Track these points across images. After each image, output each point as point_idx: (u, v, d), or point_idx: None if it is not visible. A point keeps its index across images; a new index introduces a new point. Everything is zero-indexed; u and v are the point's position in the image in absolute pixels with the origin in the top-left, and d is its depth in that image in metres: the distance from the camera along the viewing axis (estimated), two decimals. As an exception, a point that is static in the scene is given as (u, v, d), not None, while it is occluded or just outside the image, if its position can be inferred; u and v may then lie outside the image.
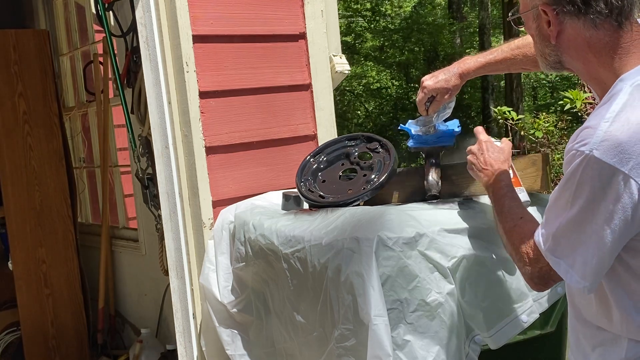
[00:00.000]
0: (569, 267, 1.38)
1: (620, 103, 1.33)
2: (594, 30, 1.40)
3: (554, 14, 1.43)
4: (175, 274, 2.68)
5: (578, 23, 1.41)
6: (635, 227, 1.33)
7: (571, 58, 1.47)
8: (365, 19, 18.49)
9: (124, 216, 4.28)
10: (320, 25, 2.89)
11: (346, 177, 2.35)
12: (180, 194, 2.64)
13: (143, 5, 2.62)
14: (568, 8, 1.41)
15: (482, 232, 1.90)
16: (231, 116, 2.69)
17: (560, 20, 1.43)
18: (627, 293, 1.39)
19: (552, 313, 1.99)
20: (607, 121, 1.31)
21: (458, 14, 17.68)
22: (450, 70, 2.07)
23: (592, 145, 1.31)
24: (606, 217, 1.32)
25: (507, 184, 1.71)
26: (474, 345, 1.87)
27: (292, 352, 2.21)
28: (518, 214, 1.59)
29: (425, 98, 2.08)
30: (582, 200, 1.34)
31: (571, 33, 1.43)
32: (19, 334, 3.98)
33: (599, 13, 1.39)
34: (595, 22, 1.40)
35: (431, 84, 2.06)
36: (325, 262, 1.97)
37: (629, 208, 1.30)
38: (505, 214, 1.61)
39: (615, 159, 1.29)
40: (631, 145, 1.28)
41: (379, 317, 1.79)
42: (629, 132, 1.29)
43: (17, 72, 3.91)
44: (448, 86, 2.05)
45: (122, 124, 3.87)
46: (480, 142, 1.86)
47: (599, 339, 1.46)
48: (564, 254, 1.39)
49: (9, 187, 3.89)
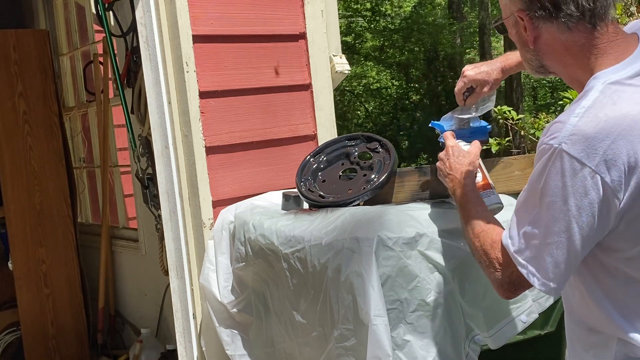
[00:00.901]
0: (536, 269, 1.37)
1: (590, 99, 1.33)
2: (568, 33, 1.41)
3: (528, 19, 1.43)
4: (175, 274, 2.68)
5: (552, 27, 1.42)
6: (604, 225, 1.33)
7: (551, 62, 1.48)
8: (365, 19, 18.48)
9: (124, 216, 4.28)
10: (320, 25, 2.89)
11: (346, 177, 2.35)
12: (180, 194, 2.64)
13: (143, 5, 2.62)
14: (540, 13, 1.41)
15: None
16: (231, 116, 2.69)
17: (535, 25, 1.44)
18: (604, 292, 1.40)
19: (551, 313, 1.99)
20: (576, 116, 1.32)
21: (458, 14, 17.67)
22: (494, 63, 2.03)
23: (561, 139, 1.31)
24: (574, 215, 1.31)
25: (471, 188, 1.68)
26: (474, 345, 1.87)
27: (292, 352, 2.21)
28: (485, 218, 1.56)
29: (464, 88, 2.03)
30: (550, 197, 1.33)
31: (547, 37, 1.44)
32: (19, 334, 3.98)
33: (570, 16, 1.39)
34: (568, 25, 1.40)
35: (472, 74, 2.01)
36: (325, 262, 1.97)
37: (595, 204, 1.30)
38: (471, 220, 1.58)
39: (583, 154, 1.29)
40: (598, 141, 1.29)
41: (379, 317, 1.79)
42: (597, 127, 1.29)
43: (17, 72, 3.91)
44: (489, 79, 2.00)
45: (122, 124, 3.88)
46: (447, 147, 1.83)
47: (591, 340, 1.46)
48: (532, 254, 1.38)
49: (9, 187, 3.89)
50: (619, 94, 1.33)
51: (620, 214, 1.32)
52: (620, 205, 1.31)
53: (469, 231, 1.57)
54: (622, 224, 1.33)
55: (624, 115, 1.30)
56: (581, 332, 1.49)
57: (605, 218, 1.32)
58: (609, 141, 1.29)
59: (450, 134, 1.88)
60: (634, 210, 1.32)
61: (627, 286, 1.38)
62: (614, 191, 1.30)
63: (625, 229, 1.34)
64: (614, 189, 1.30)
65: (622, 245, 1.36)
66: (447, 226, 1.89)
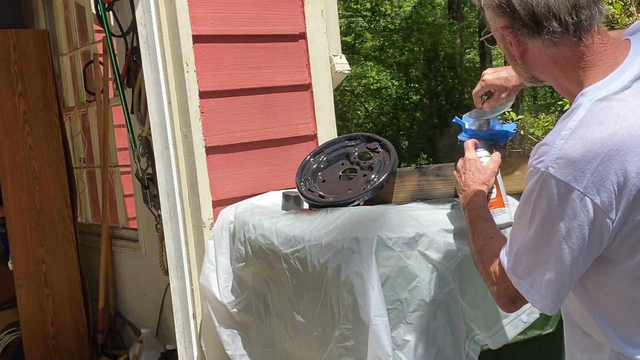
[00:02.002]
0: (530, 286, 1.38)
1: (577, 120, 1.31)
2: (554, 48, 1.39)
3: (513, 35, 1.43)
4: (175, 274, 2.68)
5: (538, 42, 1.40)
6: (597, 244, 1.32)
7: (541, 74, 1.47)
8: (365, 19, 18.48)
9: (124, 216, 4.28)
10: (320, 25, 2.89)
11: (346, 177, 2.35)
12: (180, 194, 2.64)
13: (143, 5, 2.62)
14: (522, 30, 1.40)
15: (482, 232, 1.90)
16: (231, 116, 2.69)
17: (520, 41, 1.43)
18: (598, 307, 1.39)
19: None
20: (562, 138, 1.30)
21: (458, 14, 17.67)
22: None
23: (548, 162, 1.30)
24: (564, 236, 1.31)
25: (480, 204, 1.68)
26: (474, 345, 1.87)
27: (292, 352, 2.21)
28: (489, 234, 1.57)
29: (482, 91, 2.02)
30: (539, 220, 1.33)
31: (534, 52, 1.43)
32: (19, 334, 3.99)
33: (553, 32, 1.37)
34: (553, 41, 1.38)
35: (491, 79, 1.99)
36: (325, 262, 1.97)
37: (585, 226, 1.29)
38: (477, 235, 1.59)
39: (570, 177, 1.27)
40: (585, 163, 1.27)
41: (379, 317, 1.79)
42: (584, 149, 1.27)
43: (17, 72, 3.91)
44: (507, 85, 1.98)
45: (122, 124, 3.87)
46: (465, 160, 1.82)
47: (585, 343, 1.46)
48: (525, 273, 1.38)
49: (9, 187, 3.89)
50: (606, 111, 1.30)
51: (615, 230, 1.30)
52: (613, 224, 1.29)
53: (474, 246, 1.59)
54: (617, 240, 1.32)
55: (611, 135, 1.27)
56: (577, 334, 1.49)
57: (598, 238, 1.31)
58: (596, 163, 1.27)
59: (472, 143, 1.86)
60: (628, 225, 1.30)
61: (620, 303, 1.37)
62: (605, 212, 1.28)
63: (619, 244, 1.33)
64: (605, 210, 1.28)
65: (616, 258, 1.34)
66: (447, 226, 1.89)
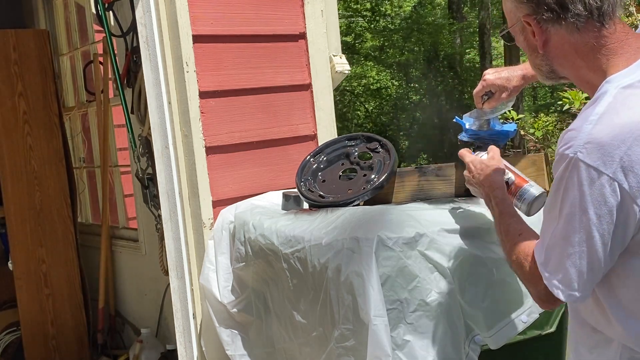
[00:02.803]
0: (559, 281, 1.36)
1: (604, 105, 1.32)
2: (577, 34, 1.39)
3: (536, 23, 1.42)
4: (175, 274, 2.68)
5: (561, 29, 1.40)
6: (625, 232, 1.32)
7: (561, 66, 1.47)
8: (365, 19, 18.48)
9: (124, 216, 4.28)
10: (320, 25, 2.89)
11: (346, 177, 2.35)
12: (180, 194, 2.64)
13: (143, 5, 2.62)
14: (547, 15, 1.40)
15: (482, 232, 1.90)
16: (231, 116, 2.69)
17: (543, 29, 1.42)
18: (621, 302, 1.39)
19: (552, 313, 1.99)
20: (590, 123, 1.30)
21: (458, 14, 17.68)
22: (515, 70, 2.01)
23: (576, 147, 1.30)
24: (594, 223, 1.30)
25: (501, 199, 1.66)
26: (474, 345, 1.87)
27: (292, 352, 2.21)
28: (516, 230, 1.54)
29: (483, 91, 2.03)
30: (569, 208, 1.32)
31: (557, 40, 1.42)
32: (19, 334, 3.99)
33: (577, 15, 1.37)
34: (577, 25, 1.38)
35: (491, 79, 2.00)
36: (325, 262, 1.97)
37: (614, 211, 1.29)
38: (504, 234, 1.57)
39: (599, 162, 1.28)
40: (614, 147, 1.27)
41: (379, 317, 1.79)
42: (612, 134, 1.28)
43: (17, 72, 3.91)
44: (508, 85, 1.98)
45: (122, 124, 3.87)
46: (467, 164, 1.83)
47: (595, 340, 1.46)
48: (555, 267, 1.37)
49: (9, 187, 3.89)
50: (633, 98, 1.31)
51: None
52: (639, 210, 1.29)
53: (504, 245, 1.56)
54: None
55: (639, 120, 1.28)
56: (585, 331, 1.49)
57: (625, 225, 1.31)
58: (625, 147, 1.27)
59: (466, 151, 1.87)
60: None
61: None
62: (633, 197, 1.28)
63: None
64: (633, 195, 1.28)
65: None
66: (447, 226, 1.89)
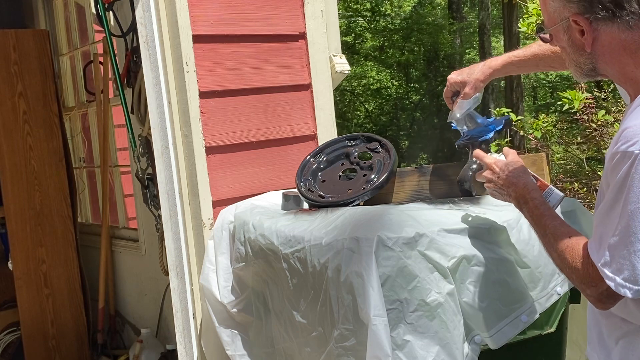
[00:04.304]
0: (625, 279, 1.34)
1: None
2: (629, 32, 1.40)
3: (588, 22, 1.42)
4: (175, 274, 2.68)
5: (612, 27, 1.41)
6: None
7: (606, 64, 1.47)
8: (365, 19, 18.49)
9: (124, 216, 4.28)
10: (320, 25, 2.89)
11: (346, 177, 2.35)
12: (180, 194, 2.64)
13: (143, 5, 2.62)
14: (602, 14, 1.40)
15: (482, 232, 1.90)
16: (231, 116, 2.69)
17: (594, 28, 1.42)
18: None
19: (552, 313, 1.99)
20: None
21: (458, 14, 17.68)
22: (477, 65, 2.06)
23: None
24: None
25: (540, 201, 1.62)
26: (474, 345, 1.87)
27: (292, 352, 2.21)
28: (565, 233, 1.51)
29: (449, 92, 2.07)
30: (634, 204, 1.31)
31: (606, 38, 1.43)
32: (19, 334, 3.98)
33: (632, 14, 1.38)
34: (630, 24, 1.39)
35: (453, 77, 2.06)
36: (325, 262, 1.97)
37: None
38: (552, 236, 1.53)
39: None
40: None
41: (379, 317, 1.79)
42: None
43: (17, 72, 3.91)
44: (469, 79, 2.03)
45: (122, 124, 3.88)
46: (489, 165, 1.76)
47: (624, 330, 1.45)
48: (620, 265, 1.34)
49: (9, 187, 3.89)
50: None
51: None
52: None
53: (552, 248, 1.52)
54: None
55: None
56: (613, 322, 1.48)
57: None
58: None
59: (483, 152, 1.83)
60: None
61: None
62: None
63: None
64: None
65: None
66: (447, 226, 1.89)
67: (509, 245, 1.91)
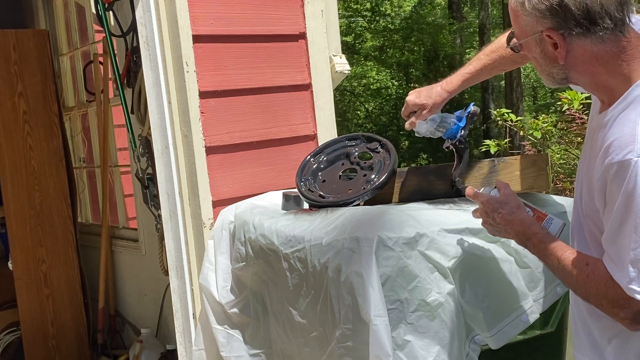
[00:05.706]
0: None
1: None
2: (602, 45, 1.43)
3: (561, 37, 1.44)
4: (175, 274, 2.68)
5: (586, 41, 1.43)
6: None
7: (578, 73, 1.49)
8: (365, 19, 18.49)
9: (124, 216, 4.28)
10: (320, 25, 2.89)
11: (346, 177, 2.35)
12: (180, 194, 2.64)
13: (143, 5, 2.62)
14: (577, 30, 1.42)
15: (482, 232, 1.90)
16: (231, 116, 2.69)
17: (568, 42, 1.44)
18: None
19: (552, 313, 1.99)
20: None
21: (458, 14, 17.67)
22: (434, 87, 2.12)
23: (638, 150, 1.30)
24: None
25: (544, 234, 1.59)
26: (474, 345, 1.87)
27: (291, 353, 2.21)
28: (581, 261, 1.48)
29: (407, 112, 2.13)
30: None
31: (578, 51, 1.45)
32: (19, 334, 3.98)
33: (605, 29, 1.41)
34: (603, 38, 1.42)
35: (412, 98, 2.12)
36: (325, 262, 1.96)
37: None
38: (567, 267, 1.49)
39: None
40: None
41: (379, 317, 1.79)
42: None
43: (17, 72, 3.90)
44: (427, 102, 2.09)
45: (122, 124, 3.87)
46: (482, 204, 1.71)
47: (617, 329, 1.45)
48: None
49: (9, 187, 3.89)
50: None
51: None
52: None
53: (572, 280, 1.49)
54: None
55: None
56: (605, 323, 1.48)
57: None
58: None
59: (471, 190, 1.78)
60: None
61: None
62: None
63: None
64: None
65: None
66: (447, 226, 1.89)
67: (509, 245, 1.91)
